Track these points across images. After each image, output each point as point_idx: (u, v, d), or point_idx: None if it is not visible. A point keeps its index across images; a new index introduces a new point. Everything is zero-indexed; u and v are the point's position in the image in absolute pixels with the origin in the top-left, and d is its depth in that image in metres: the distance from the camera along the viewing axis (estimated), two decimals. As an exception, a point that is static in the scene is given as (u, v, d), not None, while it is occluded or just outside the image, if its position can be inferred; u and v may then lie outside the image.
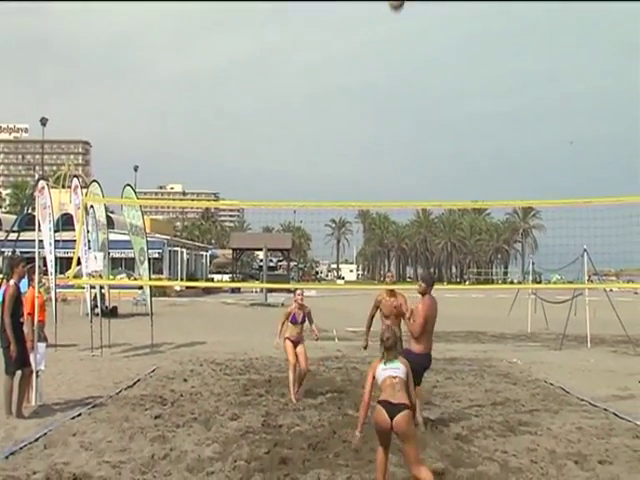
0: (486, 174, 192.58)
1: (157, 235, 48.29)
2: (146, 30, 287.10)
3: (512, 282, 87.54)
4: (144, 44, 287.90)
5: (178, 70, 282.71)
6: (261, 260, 66.68)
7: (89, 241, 18.48)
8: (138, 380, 12.49)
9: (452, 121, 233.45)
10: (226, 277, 66.85)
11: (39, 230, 12.38)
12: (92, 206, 18.23)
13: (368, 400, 6.26)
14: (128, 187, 18.45)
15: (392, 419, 5.96)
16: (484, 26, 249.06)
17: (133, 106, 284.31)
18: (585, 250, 19.10)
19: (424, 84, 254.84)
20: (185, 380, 12.63)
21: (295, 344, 10.99)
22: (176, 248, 53.80)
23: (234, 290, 53.54)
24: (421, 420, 8.69)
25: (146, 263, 18.69)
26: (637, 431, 8.82)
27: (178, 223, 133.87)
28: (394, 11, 8.01)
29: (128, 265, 43.14)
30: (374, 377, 6.27)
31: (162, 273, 48.18)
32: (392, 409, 5.98)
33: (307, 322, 11.16)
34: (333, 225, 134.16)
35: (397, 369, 6.23)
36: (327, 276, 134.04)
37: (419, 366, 8.45)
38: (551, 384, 12.57)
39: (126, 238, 20.62)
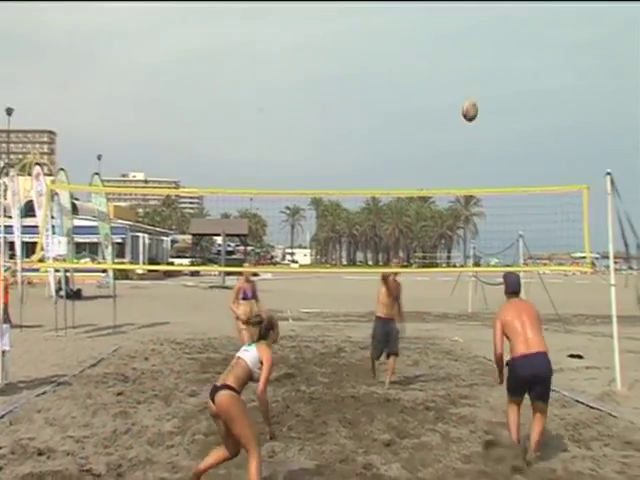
0: (431, 164, 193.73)
1: (120, 221, 47.59)
2: (109, 21, 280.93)
3: (455, 265, 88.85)
4: (107, 35, 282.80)
5: (140, 60, 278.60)
6: (219, 245, 66.36)
7: (53, 227, 18.11)
8: (101, 359, 12.35)
9: (405, 113, 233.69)
10: (186, 261, 66.22)
11: (9, 217, 12.10)
12: (57, 193, 17.86)
13: None
14: (96, 176, 18.21)
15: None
16: (436, 25, 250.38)
17: (97, 96, 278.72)
18: (521, 236, 19.41)
19: (375, 78, 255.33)
20: (146, 359, 12.53)
21: None
22: (138, 233, 53.15)
23: (194, 273, 53.20)
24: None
25: (110, 247, 18.47)
26: (564, 401, 9.06)
27: (140, 209, 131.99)
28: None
29: (92, 249, 42.56)
30: None
31: (124, 257, 47.56)
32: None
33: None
34: (288, 212, 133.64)
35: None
36: (284, 259, 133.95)
37: None
38: (489, 360, 12.71)
39: (89, 224, 20.35)
